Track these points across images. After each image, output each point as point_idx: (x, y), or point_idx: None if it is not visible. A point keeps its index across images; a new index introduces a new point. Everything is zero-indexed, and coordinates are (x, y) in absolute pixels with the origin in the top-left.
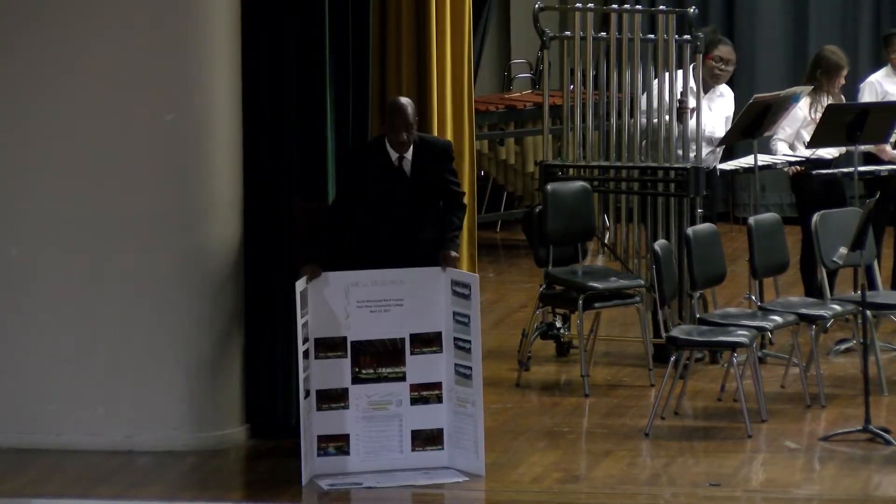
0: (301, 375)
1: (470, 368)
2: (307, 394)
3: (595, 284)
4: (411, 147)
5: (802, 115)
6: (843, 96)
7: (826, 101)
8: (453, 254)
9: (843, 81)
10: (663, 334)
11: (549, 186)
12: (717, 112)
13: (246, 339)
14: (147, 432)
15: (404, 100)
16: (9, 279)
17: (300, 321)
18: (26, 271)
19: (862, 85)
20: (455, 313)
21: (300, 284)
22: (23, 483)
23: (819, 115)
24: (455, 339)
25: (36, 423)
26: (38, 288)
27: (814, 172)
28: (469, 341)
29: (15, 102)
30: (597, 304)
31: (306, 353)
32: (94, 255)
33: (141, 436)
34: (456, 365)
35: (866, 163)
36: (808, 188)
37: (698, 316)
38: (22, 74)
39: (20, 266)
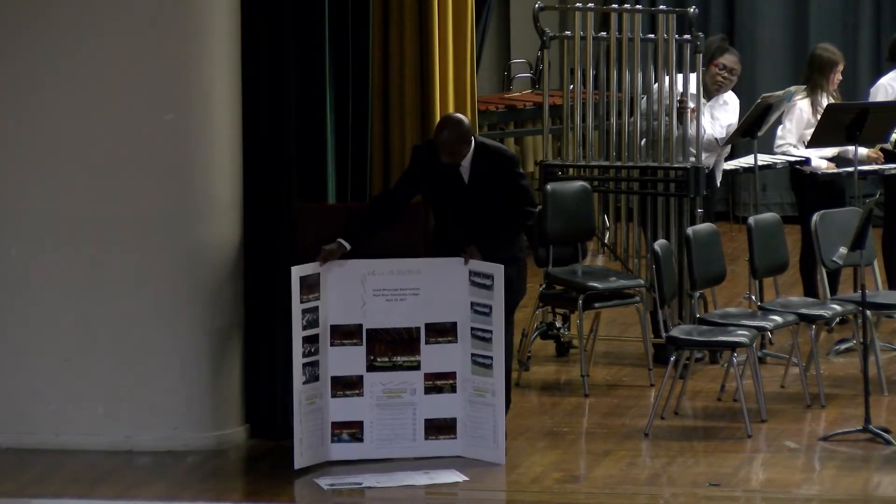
0: (298, 360)
1: (490, 358)
2: (311, 378)
3: (595, 284)
4: (470, 153)
5: (806, 116)
6: (840, 95)
7: (825, 100)
8: (477, 252)
9: (840, 77)
10: (663, 334)
11: (549, 186)
12: (719, 121)
13: (246, 339)
14: (147, 432)
15: (454, 120)
16: (9, 279)
17: (300, 306)
18: (26, 271)
19: (874, 88)
20: (473, 304)
21: (298, 270)
22: (23, 483)
23: (819, 114)
24: (473, 329)
25: (36, 423)
26: (37, 288)
27: (819, 172)
28: (490, 331)
29: (14, 102)
30: (597, 304)
31: (313, 339)
32: (94, 255)
33: (141, 436)
34: (473, 355)
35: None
36: (809, 187)
37: (698, 316)
38: (21, 74)
39: (20, 266)
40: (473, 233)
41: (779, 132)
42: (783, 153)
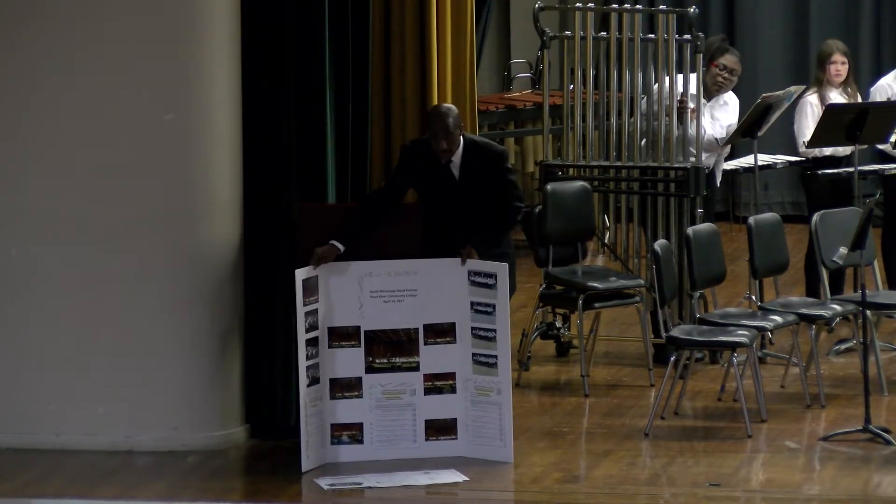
0: (303, 363)
1: (494, 357)
2: (312, 381)
3: (595, 284)
4: (460, 150)
5: (816, 111)
6: (858, 92)
7: (831, 93)
8: (474, 252)
9: (838, 68)
10: (663, 334)
11: (549, 186)
12: (719, 121)
13: (246, 340)
14: (147, 432)
15: (445, 107)
16: (9, 279)
17: (303, 309)
18: (26, 271)
19: (874, 88)
20: (474, 303)
21: (301, 273)
22: (23, 483)
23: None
24: (474, 329)
25: (36, 423)
26: (37, 288)
27: (820, 172)
28: (493, 330)
29: (15, 102)
30: (597, 304)
31: (313, 342)
32: (94, 255)
33: (141, 436)
34: (475, 355)
35: (883, 161)
36: (817, 187)
37: (698, 316)
38: (22, 74)
39: (20, 266)
40: (465, 229)
41: (799, 132)
42: (810, 154)
